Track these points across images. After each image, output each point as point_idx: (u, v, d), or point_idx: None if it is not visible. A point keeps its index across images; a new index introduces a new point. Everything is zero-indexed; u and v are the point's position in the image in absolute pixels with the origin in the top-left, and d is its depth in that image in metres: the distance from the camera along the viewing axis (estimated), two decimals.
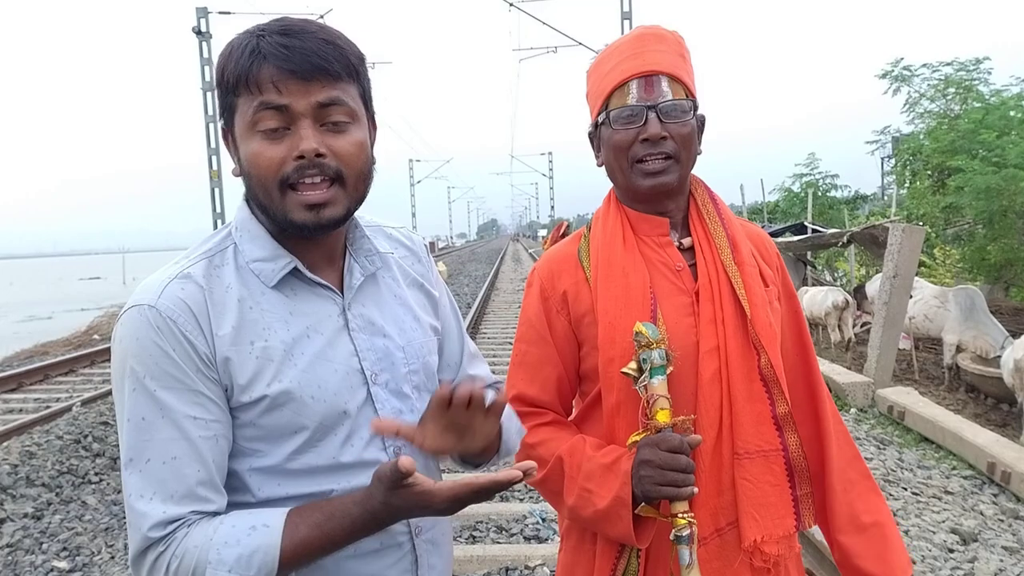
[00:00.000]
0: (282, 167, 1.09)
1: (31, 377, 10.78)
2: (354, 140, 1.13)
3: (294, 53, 1.07)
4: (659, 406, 1.34)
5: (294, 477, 1.13)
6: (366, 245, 1.25)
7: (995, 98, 14.08)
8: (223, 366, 1.09)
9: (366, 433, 1.17)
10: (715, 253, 1.51)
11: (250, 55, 1.08)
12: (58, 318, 25.16)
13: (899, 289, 8.10)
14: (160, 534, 1.02)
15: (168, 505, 1.03)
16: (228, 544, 1.01)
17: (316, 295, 1.18)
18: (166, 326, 1.06)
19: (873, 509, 1.53)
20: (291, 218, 1.11)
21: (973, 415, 8.11)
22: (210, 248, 1.17)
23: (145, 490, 1.04)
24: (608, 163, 1.55)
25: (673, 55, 1.50)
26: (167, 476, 1.04)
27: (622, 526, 1.38)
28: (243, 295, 1.13)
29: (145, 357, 1.06)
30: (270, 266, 1.15)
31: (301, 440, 1.12)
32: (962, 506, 4.92)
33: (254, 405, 1.10)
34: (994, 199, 11.11)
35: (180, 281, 1.10)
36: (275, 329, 1.12)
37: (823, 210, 20.27)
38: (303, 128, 1.09)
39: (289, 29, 1.10)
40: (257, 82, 1.07)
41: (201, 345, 1.08)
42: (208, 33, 17.56)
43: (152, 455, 1.04)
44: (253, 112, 1.08)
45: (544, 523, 4.63)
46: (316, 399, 1.12)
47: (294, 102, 1.08)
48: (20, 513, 5.42)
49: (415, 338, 1.27)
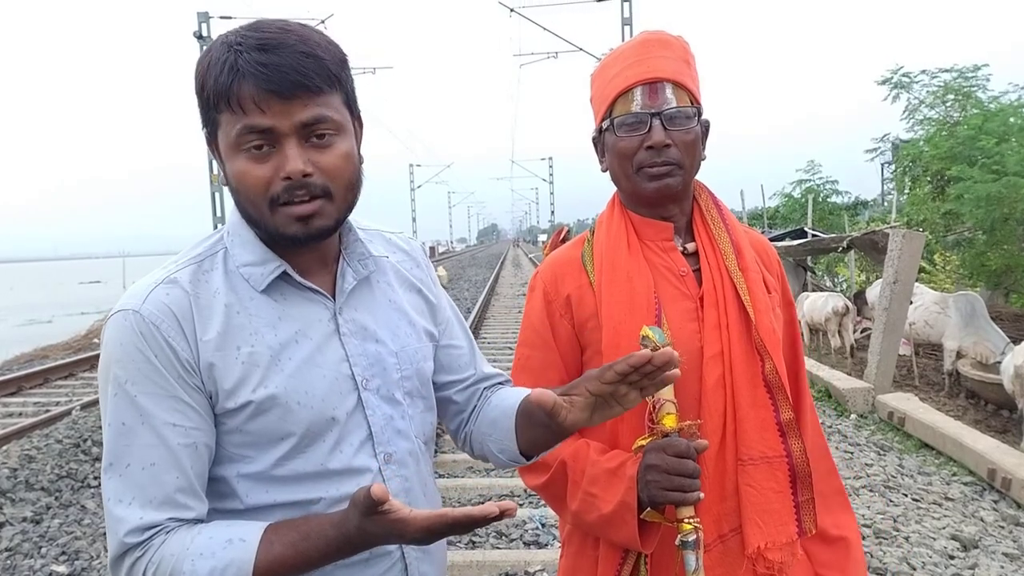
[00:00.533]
0: (270, 187, 1.08)
1: (31, 381, 10.78)
2: (340, 153, 1.12)
3: (273, 72, 1.04)
4: (665, 411, 1.34)
5: (282, 483, 1.12)
6: (360, 249, 1.24)
7: (993, 104, 14.09)
8: (207, 372, 1.08)
9: (355, 439, 1.16)
10: (719, 258, 1.51)
11: (228, 72, 1.05)
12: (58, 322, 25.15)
13: (899, 295, 8.10)
14: (137, 540, 1.03)
15: (146, 511, 1.03)
16: (203, 556, 1.01)
17: (307, 300, 1.17)
18: (149, 332, 1.06)
19: (842, 524, 1.56)
20: (282, 232, 1.11)
21: (973, 421, 8.10)
22: (200, 253, 1.17)
23: (124, 495, 1.04)
24: (613, 169, 1.55)
25: (677, 61, 1.50)
26: (146, 482, 1.04)
27: (627, 531, 1.38)
28: (231, 300, 1.12)
29: (127, 362, 1.06)
30: (259, 270, 1.15)
31: (288, 446, 1.12)
32: (962, 512, 4.91)
33: (239, 411, 1.09)
34: (994, 207, 11.10)
35: (166, 286, 1.10)
36: (262, 334, 1.12)
37: (823, 216, 20.28)
38: (288, 148, 1.07)
39: (266, 44, 1.06)
40: (239, 101, 1.05)
41: (183, 351, 1.07)
42: (209, 37, 17.59)
43: (132, 460, 1.05)
44: (237, 135, 1.07)
45: (544, 528, 4.62)
46: (303, 405, 1.12)
47: (277, 123, 1.06)
48: (19, 517, 5.41)
49: (409, 344, 1.26)
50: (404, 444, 1.22)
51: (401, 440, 1.22)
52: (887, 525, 4.54)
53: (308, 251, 1.18)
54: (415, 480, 1.24)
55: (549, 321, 1.56)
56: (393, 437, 1.20)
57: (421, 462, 1.27)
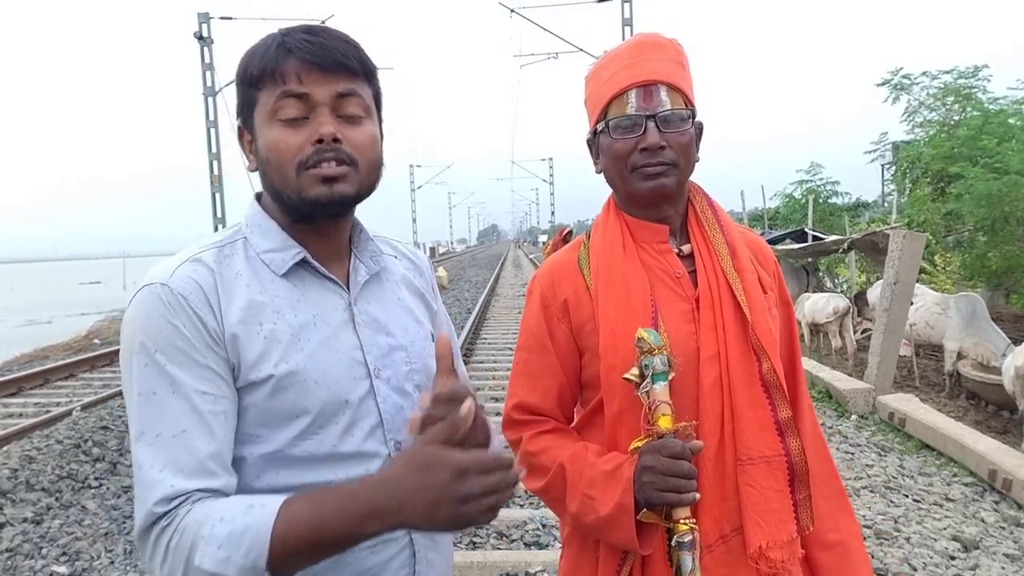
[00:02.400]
0: (300, 151, 1.14)
1: (31, 381, 10.78)
2: (368, 133, 1.19)
3: (318, 48, 1.14)
4: (661, 412, 1.34)
5: (293, 465, 1.14)
6: (371, 247, 1.30)
7: (994, 105, 14.09)
8: (231, 343, 1.11)
9: (366, 425, 1.19)
10: (715, 260, 1.51)
11: (276, 49, 1.14)
12: (58, 322, 25.17)
13: (900, 296, 8.10)
14: (164, 509, 1.02)
15: (178, 478, 1.03)
16: (223, 520, 1.00)
17: (324, 287, 1.22)
18: (177, 303, 1.09)
19: (842, 528, 1.54)
20: (305, 194, 1.14)
21: (974, 422, 8.10)
22: (221, 240, 1.21)
23: (155, 462, 1.04)
24: (607, 170, 1.56)
25: (671, 63, 1.51)
26: (177, 449, 1.05)
27: (624, 533, 1.38)
28: (252, 282, 1.16)
29: (155, 332, 1.08)
30: (280, 256, 1.19)
31: (303, 425, 1.13)
32: (963, 513, 4.91)
33: (261, 385, 1.11)
34: (995, 206, 11.10)
35: (192, 264, 1.14)
36: (283, 313, 1.16)
37: (824, 217, 20.29)
38: (321, 115, 1.14)
39: (313, 29, 1.17)
40: (282, 73, 1.13)
41: (211, 322, 1.10)
42: (210, 38, 17.59)
43: (162, 429, 1.05)
44: (275, 100, 1.14)
45: (544, 529, 4.62)
46: (320, 384, 1.14)
47: (314, 91, 1.14)
48: (20, 518, 5.41)
49: (417, 339, 1.30)
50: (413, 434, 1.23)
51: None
52: (888, 526, 4.54)
53: (324, 240, 1.23)
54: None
55: (547, 325, 1.56)
56: (403, 426, 1.22)
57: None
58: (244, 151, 1.22)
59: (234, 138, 1.27)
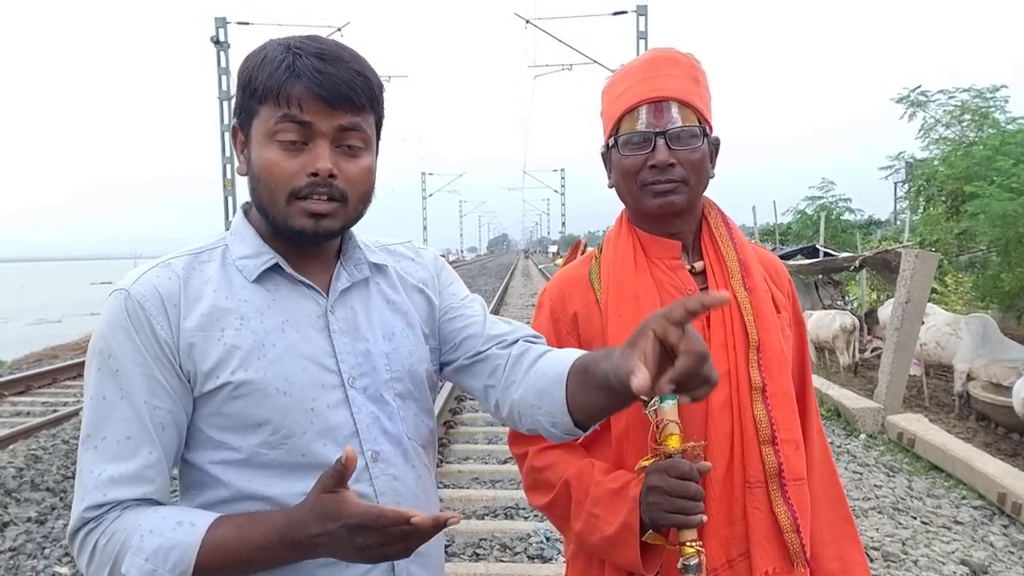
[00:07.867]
0: (294, 180, 1.13)
1: (39, 380, 10.84)
2: (364, 166, 1.18)
3: (327, 79, 1.11)
4: (669, 431, 1.32)
5: (265, 473, 1.14)
6: (357, 255, 1.28)
7: (1012, 125, 14.01)
8: (187, 353, 1.12)
9: (340, 435, 1.17)
10: (727, 278, 1.50)
11: (285, 71, 1.12)
12: (68, 322, 25.29)
13: (911, 315, 8.05)
14: (94, 514, 1.06)
15: (114, 486, 1.07)
16: (152, 533, 1.04)
17: (299, 293, 1.21)
18: (134, 311, 1.11)
19: (845, 556, 1.51)
20: (291, 223, 1.15)
21: (983, 444, 8.01)
22: (200, 247, 1.22)
23: (95, 467, 1.08)
24: (618, 185, 1.55)
25: (685, 79, 1.49)
26: (120, 455, 1.08)
27: (629, 553, 1.36)
28: (220, 287, 1.16)
29: (111, 339, 1.11)
30: (253, 262, 1.19)
31: (266, 433, 1.13)
32: (972, 537, 4.85)
33: (217, 392, 1.12)
34: (1010, 226, 11.03)
35: (159, 269, 1.16)
36: (249, 319, 1.15)
37: (836, 233, 20.22)
38: (320, 147, 1.13)
39: (325, 53, 1.14)
40: (286, 97, 1.12)
41: (163, 332, 1.11)
42: (226, 43, 17.71)
43: (108, 433, 1.09)
44: (276, 122, 1.13)
45: (548, 542, 4.59)
46: (280, 391, 1.14)
47: (317, 122, 1.12)
48: (23, 517, 5.42)
49: (403, 345, 1.27)
50: (392, 445, 1.22)
51: (388, 440, 1.22)
52: (896, 548, 4.49)
53: (307, 250, 1.22)
54: (407, 482, 1.24)
55: (556, 339, 1.55)
56: (379, 436, 1.21)
57: (416, 465, 1.26)
58: (236, 151, 1.22)
59: None
